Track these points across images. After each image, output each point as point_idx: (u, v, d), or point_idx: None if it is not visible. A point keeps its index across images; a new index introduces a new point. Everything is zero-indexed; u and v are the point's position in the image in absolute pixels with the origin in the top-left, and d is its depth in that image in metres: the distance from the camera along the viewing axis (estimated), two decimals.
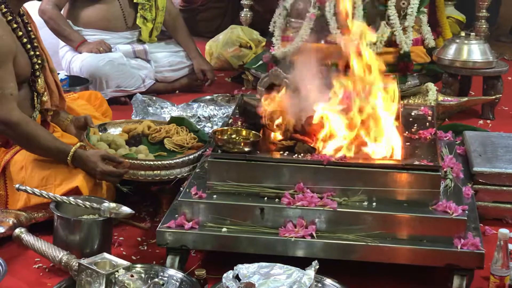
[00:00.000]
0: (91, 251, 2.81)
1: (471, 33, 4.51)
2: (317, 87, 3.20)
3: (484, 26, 5.11)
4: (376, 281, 2.76)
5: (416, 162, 2.86)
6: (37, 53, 3.27)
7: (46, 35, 3.81)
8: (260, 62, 4.78)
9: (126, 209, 2.94)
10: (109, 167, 3.11)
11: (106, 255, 2.69)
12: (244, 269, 2.55)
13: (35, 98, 3.33)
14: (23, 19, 3.26)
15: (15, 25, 3.17)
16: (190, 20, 5.24)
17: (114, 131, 3.52)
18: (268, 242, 2.74)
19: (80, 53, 4.60)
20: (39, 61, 3.27)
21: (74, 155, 3.10)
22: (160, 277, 2.72)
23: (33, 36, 3.27)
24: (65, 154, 3.10)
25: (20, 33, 3.19)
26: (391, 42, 4.46)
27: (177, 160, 3.25)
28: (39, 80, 3.28)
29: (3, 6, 3.13)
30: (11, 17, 3.17)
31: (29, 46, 3.23)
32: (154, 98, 4.36)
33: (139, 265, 2.74)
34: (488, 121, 4.32)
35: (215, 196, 2.86)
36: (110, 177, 3.14)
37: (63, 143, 3.17)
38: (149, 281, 2.63)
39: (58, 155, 3.13)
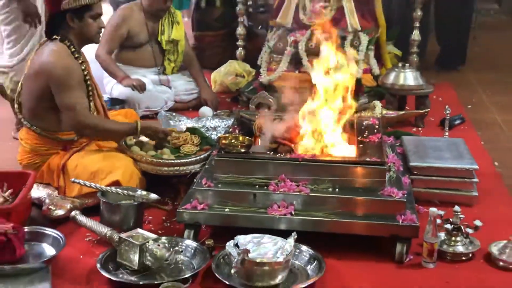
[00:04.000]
0: (128, 228, 2.78)
1: (406, 64, 4.50)
2: (293, 106, 3.20)
3: (416, 59, 5.09)
4: (339, 248, 2.73)
5: (368, 159, 2.85)
6: (89, 83, 3.23)
7: (94, 69, 3.76)
8: (251, 87, 4.77)
9: (153, 196, 2.94)
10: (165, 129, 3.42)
11: (139, 230, 2.69)
12: (242, 239, 2.55)
13: None
14: (80, 57, 3.22)
15: (80, 61, 3.17)
16: (199, 55, 5.23)
17: (145, 138, 3.48)
18: (259, 219, 2.72)
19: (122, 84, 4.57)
20: (91, 90, 3.24)
21: (141, 126, 3.24)
22: (179, 246, 2.71)
23: (86, 71, 3.23)
24: (133, 130, 3.23)
25: (83, 68, 3.19)
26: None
27: (191, 159, 3.22)
28: (90, 104, 3.25)
29: (72, 46, 3.13)
30: (77, 55, 3.16)
31: (86, 78, 3.21)
32: (174, 114, 4.33)
33: (164, 238, 2.71)
34: (420, 129, 4.30)
35: (220, 185, 2.83)
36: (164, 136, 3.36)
37: (125, 124, 3.33)
38: (171, 249, 2.61)
39: (128, 133, 3.27)
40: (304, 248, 2.64)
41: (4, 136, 4.24)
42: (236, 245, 2.51)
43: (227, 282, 2.44)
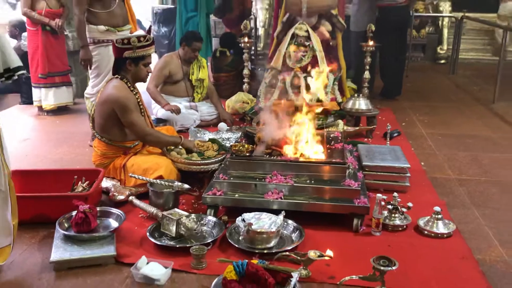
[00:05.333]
0: (168, 208, 2.78)
1: (360, 95, 4.50)
2: (283, 123, 3.19)
3: (366, 91, 5.06)
4: (314, 221, 2.72)
5: (334, 160, 2.85)
6: (142, 107, 3.22)
7: (145, 98, 3.75)
8: (253, 110, 4.76)
9: (186, 185, 2.92)
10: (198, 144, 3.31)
11: (176, 209, 2.68)
12: (247, 216, 2.54)
13: None
14: (134, 90, 3.21)
15: (134, 93, 3.16)
16: (217, 89, 5.21)
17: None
18: (259, 202, 2.70)
19: (164, 109, 4.56)
20: (142, 112, 3.23)
21: (182, 141, 3.24)
22: (204, 220, 2.70)
23: (139, 99, 3.22)
24: (178, 143, 3.23)
25: (137, 97, 3.18)
26: (319, 99, 4.44)
27: (212, 160, 3.20)
28: None
29: (128, 83, 3.12)
30: (132, 89, 3.15)
31: (139, 104, 3.20)
32: (200, 129, 4.32)
33: (193, 215, 2.69)
34: (370, 139, 4.29)
35: (232, 178, 2.82)
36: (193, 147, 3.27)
37: (173, 136, 3.27)
38: (198, 223, 2.60)
39: (173, 144, 3.23)
40: (290, 221, 2.63)
41: (83, 144, 4.24)
42: (243, 220, 2.50)
43: (236, 246, 2.44)
